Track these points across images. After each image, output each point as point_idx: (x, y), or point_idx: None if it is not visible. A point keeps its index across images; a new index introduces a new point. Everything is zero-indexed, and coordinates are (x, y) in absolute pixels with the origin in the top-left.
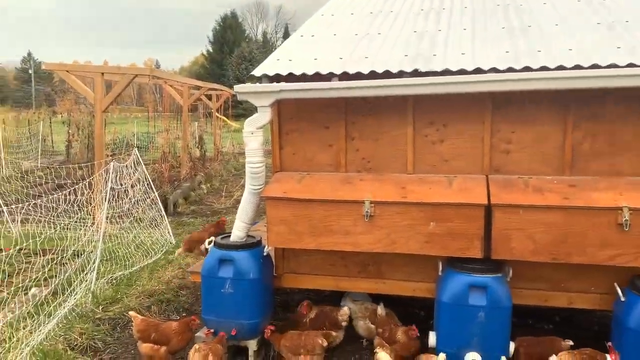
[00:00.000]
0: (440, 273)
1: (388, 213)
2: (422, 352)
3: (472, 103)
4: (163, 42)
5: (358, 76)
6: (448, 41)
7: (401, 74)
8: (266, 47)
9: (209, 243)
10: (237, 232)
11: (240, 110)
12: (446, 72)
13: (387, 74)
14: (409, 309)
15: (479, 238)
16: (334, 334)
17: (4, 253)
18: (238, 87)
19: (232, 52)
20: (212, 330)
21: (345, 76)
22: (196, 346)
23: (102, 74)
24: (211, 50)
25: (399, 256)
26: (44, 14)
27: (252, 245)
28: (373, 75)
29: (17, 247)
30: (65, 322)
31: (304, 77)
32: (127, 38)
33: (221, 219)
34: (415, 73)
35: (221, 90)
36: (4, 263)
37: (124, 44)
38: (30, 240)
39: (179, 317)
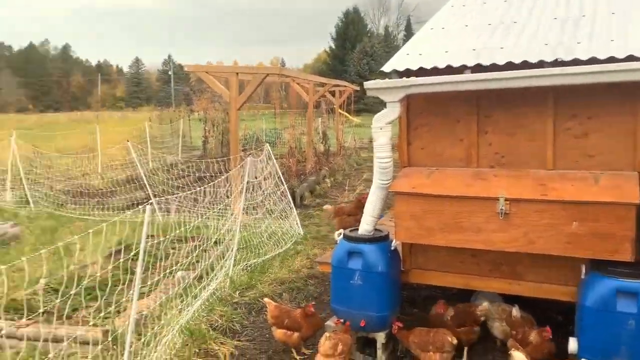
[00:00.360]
0: (583, 276)
1: (525, 211)
2: (561, 359)
3: (623, 94)
4: (288, 39)
5: (493, 68)
6: (594, 27)
7: (541, 64)
8: (387, 41)
9: (339, 235)
10: (366, 226)
11: (362, 105)
12: (593, 61)
13: (524, 65)
14: (545, 312)
15: (629, 240)
16: (475, 329)
17: (157, 240)
18: (368, 84)
19: (354, 47)
20: (341, 320)
21: (478, 68)
22: (327, 334)
23: (237, 74)
24: (333, 46)
25: (536, 256)
26: (175, 16)
27: (380, 239)
28: (509, 66)
29: (172, 234)
30: (207, 304)
31: (434, 71)
32: (254, 37)
33: (363, 195)
34: (557, 63)
35: (344, 86)
36: (161, 249)
37: (251, 43)
38: (182, 228)
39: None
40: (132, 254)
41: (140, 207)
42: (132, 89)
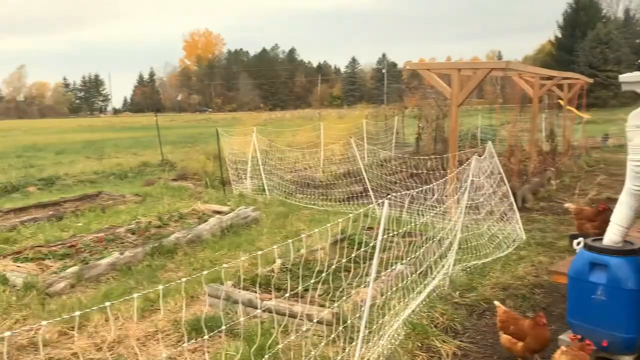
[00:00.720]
0: None
1: None
2: None
3: None
4: (498, 33)
5: None
6: None
7: None
8: (628, 27)
9: (578, 244)
10: (612, 236)
11: (592, 99)
12: None
13: None
14: None
15: None
16: None
17: (373, 232)
18: (625, 77)
19: (584, 35)
20: (578, 336)
21: None
22: (563, 348)
23: (459, 70)
24: (560, 35)
25: None
26: (386, 16)
27: (631, 252)
28: None
29: (402, 229)
30: (427, 301)
31: None
32: (462, 32)
33: (601, 204)
34: None
35: (576, 79)
36: (394, 243)
37: (460, 38)
38: (412, 224)
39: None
40: (367, 245)
41: (380, 200)
42: (347, 88)
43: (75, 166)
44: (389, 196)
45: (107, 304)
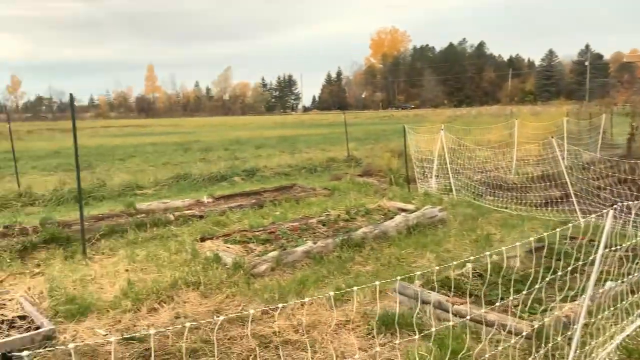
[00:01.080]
0: None
1: None
2: None
3: None
4: None
5: None
6: None
7: None
8: None
9: None
10: None
11: None
12: None
13: None
14: None
15: None
16: None
17: (577, 241)
18: None
19: None
20: None
21: None
22: None
23: None
24: None
25: None
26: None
27: None
28: None
29: (628, 244)
30: None
31: None
32: None
33: None
34: None
35: None
36: (617, 256)
37: None
38: (635, 239)
39: None
40: (569, 257)
41: (604, 210)
42: (542, 82)
43: (272, 159)
44: (614, 206)
45: (331, 293)
